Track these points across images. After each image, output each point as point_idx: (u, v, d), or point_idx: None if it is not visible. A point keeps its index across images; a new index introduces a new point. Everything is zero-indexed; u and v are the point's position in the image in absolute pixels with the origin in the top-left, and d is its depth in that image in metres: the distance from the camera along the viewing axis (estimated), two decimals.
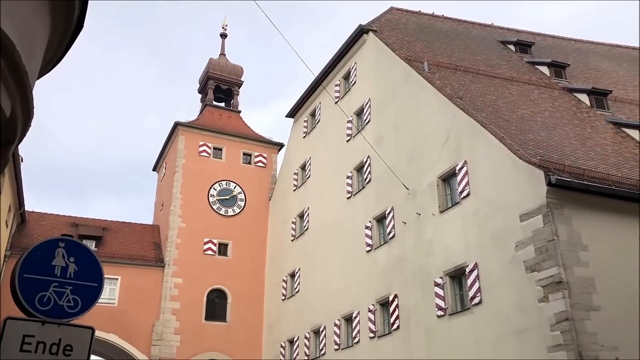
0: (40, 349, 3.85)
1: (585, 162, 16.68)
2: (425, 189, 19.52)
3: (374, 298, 21.21)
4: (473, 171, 17.39)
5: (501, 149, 16.29)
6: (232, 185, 33.95)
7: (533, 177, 14.92)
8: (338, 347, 23.14)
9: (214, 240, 32.05)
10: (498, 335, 15.08)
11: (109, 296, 28.78)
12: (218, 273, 31.31)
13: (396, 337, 19.51)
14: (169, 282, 30.30)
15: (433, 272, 18.20)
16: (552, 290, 13.70)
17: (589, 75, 27.55)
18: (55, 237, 4.26)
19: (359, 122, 25.57)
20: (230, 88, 39.46)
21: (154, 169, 40.45)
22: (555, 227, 14.18)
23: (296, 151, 32.20)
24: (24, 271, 4.00)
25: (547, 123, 19.95)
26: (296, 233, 29.73)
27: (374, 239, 22.20)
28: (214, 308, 30.84)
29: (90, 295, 4.22)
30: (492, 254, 15.90)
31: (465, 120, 18.21)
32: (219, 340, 29.97)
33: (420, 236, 19.28)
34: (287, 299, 29.09)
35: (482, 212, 16.67)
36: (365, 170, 23.96)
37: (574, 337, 13.01)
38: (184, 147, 33.88)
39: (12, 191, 26.84)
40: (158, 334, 29.12)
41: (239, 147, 35.26)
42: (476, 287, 16.18)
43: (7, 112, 3.32)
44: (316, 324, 25.30)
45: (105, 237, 31.11)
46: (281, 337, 28.63)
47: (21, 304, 3.92)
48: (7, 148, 3.73)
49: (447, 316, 17.20)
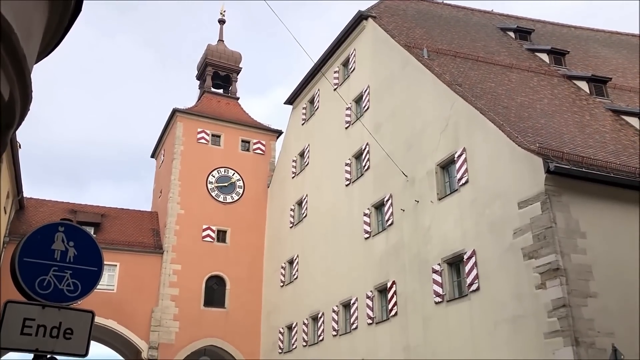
0: (41, 332, 3.87)
1: (584, 150, 16.69)
2: (423, 176, 19.53)
3: (372, 285, 21.31)
4: (471, 159, 17.39)
5: (500, 136, 16.27)
6: (231, 172, 33.93)
7: (532, 164, 14.93)
8: (336, 333, 23.29)
9: (212, 227, 32.11)
10: (495, 322, 15.18)
11: (108, 282, 28.87)
12: (217, 260, 31.40)
13: (394, 323, 19.63)
14: (167, 268, 30.39)
15: (431, 259, 18.26)
16: (550, 277, 13.77)
17: (588, 63, 27.47)
18: (54, 222, 4.27)
19: (358, 109, 25.51)
20: (229, 74, 39.29)
21: (152, 156, 40.40)
22: (553, 214, 14.22)
23: (295, 138, 32.16)
24: (24, 255, 4.00)
25: (546, 110, 19.93)
26: (294, 220, 29.77)
27: (372, 226, 22.25)
28: (212, 294, 30.97)
29: (90, 279, 4.23)
30: (490, 241, 15.95)
31: (464, 107, 18.17)
32: (218, 327, 30.13)
33: (418, 223, 19.33)
34: (285, 286, 29.22)
35: (480, 199, 16.70)
36: (363, 158, 23.95)
37: (571, 324, 13.10)
38: (182, 133, 33.80)
39: (10, 177, 26.80)
40: (157, 320, 29.25)
41: (237, 134, 35.19)
42: (474, 274, 16.25)
43: (6, 95, 3.31)
44: (314, 310, 25.44)
45: (103, 224, 31.14)
46: (279, 323, 28.78)
47: (21, 288, 3.93)
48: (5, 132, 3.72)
49: (445, 303, 17.29)
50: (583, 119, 20.04)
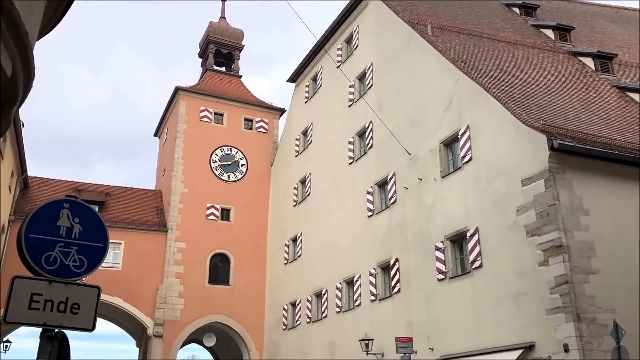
0: (49, 306, 3.93)
1: (589, 127, 16.61)
2: (427, 154, 19.50)
3: (375, 262, 21.44)
4: (475, 136, 17.33)
5: (504, 113, 16.20)
6: (234, 150, 33.93)
7: (535, 141, 14.88)
8: (339, 310, 23.51)
9: (216, 205, 32.22)
10: (497, 298, 15.29)
11: (113, 260, 29.11)
12: (221, 238, 31.58)
13: (397, 300, 19.79)
14: (172, 246, 30.60)
15: (434, 236, 18.34)
16: (552, 254, 13.83)
17: (594, 39, 27.18)
18: (59, 198, 4.29)
19: (361, 86, 25.37)
20: (231, 52, 39.03)
21: (155, 135, 40.38)
22: (556, 191, 14.22)
23: (297, 116, 32.06)
24: (30, 231, 4.04)
25: (551, 87, 19.78)
26: (298, 198, 29.85)
27: (376, 204, 22.30)
28: (217, 272, 31.22)
29: (95, 255, 4.27)
30: (493, 218, 15.99)
31: (468, 84, 18.06)
32: (223, 303, 30.43)
33: (422, 201, 19.36)
34: (289, 263, 29.41)
35: (483, 177, 16.69)
36: (367, 136, 23.89)
37: (573, 300, 13.19)
38: (184, 112, 33.72)
39: (14, 156, 26.87)
40: (162, 297, 29.55)
41: (240, 113, 35.09)
42: (477, 251, 16.32)
43: (8, 72, 3.31)
44: (318, 287, 25.65)
45: (108, 202, 31.27)
46: (283, 300, 29.06)
47: (28, 263, 3.98)
48: (9, 109, 3.72)
49: (448, 280, 17.41)
50: (588, 96, 19.90)
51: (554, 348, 13.20)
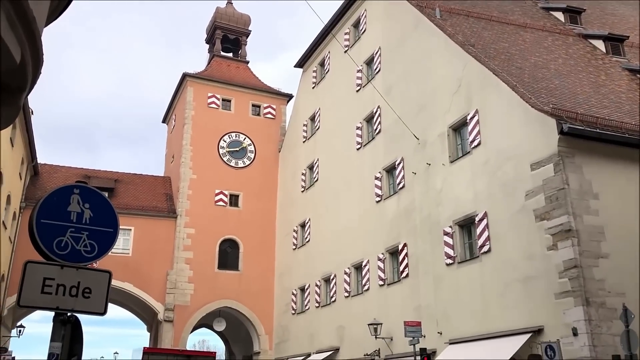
0: (61, 291, 3.98)
1: (599, 110, 16.46)
2: (435, 139, 19.42)
3: (383, 247, 21.48)
4: (484, 120, 17.23)
5: (513, 97, 16.07)
6: (242, 137, 33.95)
7: (545, 125, 14.78)
8: (348, 295, 23.63)
9: (224, 191, 32.35)
10: (506, 283, 15.30)
11: (123, 246, 29.36)
12: (230, 223, 31.75)
13: (405, 285, 19.86)
14: (181, 232, 30.80)
15: (442, 221, 18.33)
16: (562, 239, 13.79)
17: (605, 21, 26.82)
18: (70, 184, 4.33)
19: (369, 71, 25.24)
20: (238, 38, 38.90)
21: (163, 121, 40.47)
22: (566, 175, 14.14)
23: (305, 102, 31.99)
24: (41, 216, 4.08)
25: (561, 70, 19.59)
26: (306, 184, 29.89)
27: (384, 190, 22.29)
28: (226, 257, 31.43)
29: (106, 240, 4.31)
30: (501, 203, 15.95)
31: (477, 68, 17.92)
32: (232, 289, 30.67)
33: (430, 186, 19.33)
34: (297, 249, 29.55)
35: (492, 161, 16.62)
36: (375, 121, 23.82)
37: (582, 284, 13.18)
38: (192, 98, 33.74)
39: (24, 143, 27.05)
40: (172, 282, 29.82)
41: (247, 99, 35.06)
42: (485, 236, 16.31)
43: (17, 58, 3.32)
44: (326, 272, 25.77)
45: (117, 189, 31.47)
46: (292, 285, 29.24)
47: (40, 248, 4.03)
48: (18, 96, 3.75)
49: (456, 264, 17.43)
50: (598, 79, 19.70)
51: (563, 332, 13.22)
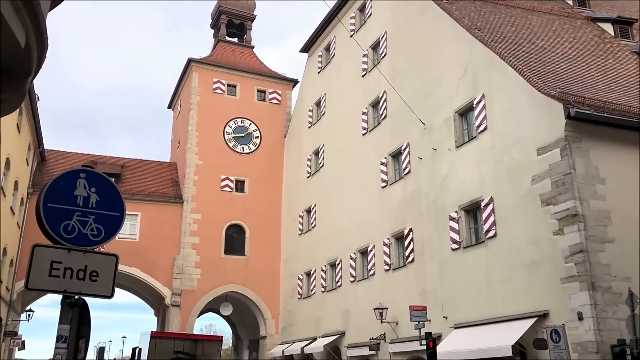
0: (68, 274, 4.02)
1: (607, 94, 16.32)
2: (441, 124, 19.34)
3: (389, 232, 21.52)
4: (490, 105, 17.13)
5: (520, 81, 15.96)
6: (247, 122, 33.93)
7: (552, 110, 14.68)
8: (354, 279, 23.73)
9: (230, 177, 32.42)
10: (511, 268, 15.31)
11: (130, 232, 29.54)
12: (236, 209, 31.86)
13: (410, 270, 19.92)
14: (188, 218, 30.94)
15: (448, 206, 18.32)
16: (568, 223, 13.77)
17: (614, 4, 26.48)
18: (76, 168, 4.35)
19: (375, 56, 25.09)
20: (243, 22, 38.70)
21: (169, 107, 40.47)
22: (572, 160, 14.08)
23: (310, 87, 31.88)
24: (48, 200, 4.11)
25: (568, 54, 19.41)
26: (311, 170, 29.89)
27: (389, 175, 22.27)
28: (232, 243, 31.58)
29: (112, 224, 4.34)
30: (507, 188, 15.91)
31: (483, 52, 17.77)
32: (238, 273, 30.87)
33: (436, 171, 19.29)
34: (303, 234, 29.64)
35: (498, 146, 16.56)
36: (380, 106, 23.73)
37: (588, 269, 13.17)
38: (197, 84, 33.69)
39: (31, 129, 27.14)
40: (179, 267, 30.03)
41: (253, 84, 34.97)
42: (491, 221, 16.30)
43: (22, 42, 3.32)
44: (332, 257, 25.86)
45: (123, 175, 31.58)
46: (298, 270, 29.38)
47: (47, 232, 4.06)
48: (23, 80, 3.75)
49: (462, 249, 17.45)
50: (606, 63, 19.51)
51: (568, 316, 13.25)
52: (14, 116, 22.74)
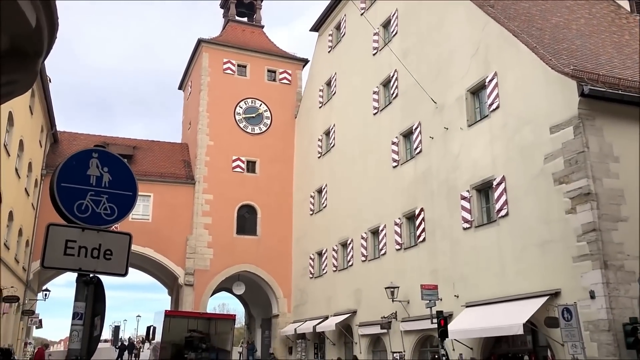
0: (83, 252, 4.08)
1: (622, 71, 16.07)
2: (453, 102, 19.19)
3: (400, 212, 21.52)
4: (503, 83, 16.95)
5: (533, 59, 15.74)
6: (258, 103, 33.87)
7: (565, 87, 14.50)
8: (365, 259, 23.83)
9: (242, 157, 32.51)
10: (523, 247, 15.28)
11: (143, 212, 29.80)
12: (247, 189, 31.99)
13: (422, 249, 19.95)
14: (200, 198, 31.14)
15: (459, 185, 18.26)
16: (580, 202, 13.68)
17: None
18: (88, 148, 4.38)
19: (386, 34, 24.84)
20: (253, 2, 38.44)
21: (179, 88, 40.47)
22: (586, 138, 13.93)
23: (321, 67, 31.69)
24: (62, 180, 4.15)
25: (583, 31, 19.10)
26: (322, 150, 29.87)
27: (401, 155, 22.20)
28: (244, 223, 31.79)
29: (125, 203, 4.37)
30: (520, 167, 15.81)
31: (496, 29, 17.53)
32: (250, 253, 31.11)
33: (447, 151, 19.20)
34: (314, 214, 29.73)
35: (511, 125, 16.41)
36: (391, 85, 23.56)
37: (600, 247, 13.12)
38: (208, 64, 33.62)
39: (43, 111, 27.32)
40: (192, 247, 30.31)
41: (263, 64, 34.83)
42: (503, 200, 16.24)
43: (33, 22, 3.34)
44: (343, 237, 25.96)
45: (136, 156, 31.77)
46: (310, 250, 29.54)
47: (61, 211, 4.11)
48: (35, 60, 3.78)
49: (473, 228, 17.42)
50: (622, 39, 19.18)
51: (580, 295, 13.24)
52: (26, 98, 22.88)
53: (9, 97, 3.99)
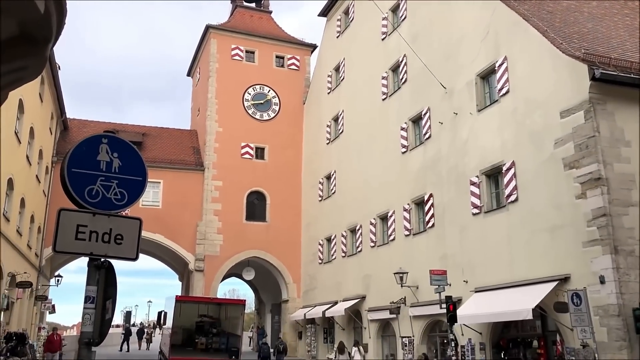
0: (94, 237, 4.13)
1: (634, 55, 15.84)
2: (462, 87, 19.06)
3: (409, 198, 21.50)
4: (513, 68, 16.79)
5: (543, 42, 15.57)
6: (266, 89, 33.83)
7: (576, 71, 14.35)
8: (374, 245, 23.88)
9: (251, 144, 32.55)
10: (532, 232, 15.24)
11: (153, 199, 29.99)
12: (256, 176, 32.08)
13: (431, 235, 19.96)
14: (209, 185, 31.28)
15: (469, 171, 18.19)
16: (591, 187, 13.60)
17: None
18: (98, 134, 4.42)
19: (395, 19, 24.65)
20: None
21: (188, 74, 40.47)
22: (596, 123, 13.81)
23: (329, 52, 31.53)
24: (72, 166, 4.19)
25: (594, 14, 18.84)
26: (331, 136, 29.83)
27: (410, 140, 22.12)
28: (253, 209, 31.93)
29: (135, 188, 4.41)
30: (529, 152, 15.71)
31: (506, 13, 17.34)
32: (260, 239, 31.28)
33: (457, 136, 19.11)
34: (323, 200, 29.78)
35: (520, 109, 16.29)
36: (400, 70, 23.42)
37: (610, 233, 13.06)
38: (216, 50, 33.57)
39: (53, 98, 27.45)
40: (202, 233, 30.51)
41: (271, 50, 34.72)
42: (512, 185, 16.17)
43: (41, 8, 3.35)
44: (352, 223, 26.00)
45: (145, 142, 31.90)
46: (319, 236, 29.63)
47: (72, 197, 4.15)
48: (44, 46, 3.79)
49: (483, 214, 17.38)
50: (634, 22, 18.90)
51: (590, 280, 13.21)
52: (36, 85, 22.99)
53: (19, 83, 4.01)
